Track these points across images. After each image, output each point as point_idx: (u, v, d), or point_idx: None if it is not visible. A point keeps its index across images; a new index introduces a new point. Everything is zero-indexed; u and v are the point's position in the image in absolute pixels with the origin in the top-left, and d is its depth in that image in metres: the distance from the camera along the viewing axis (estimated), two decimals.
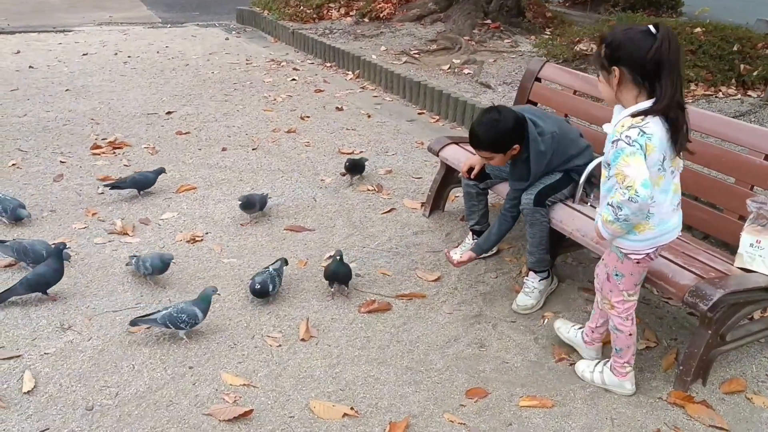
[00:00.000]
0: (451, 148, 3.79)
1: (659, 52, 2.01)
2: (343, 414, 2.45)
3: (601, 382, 2.63)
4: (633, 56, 2.05)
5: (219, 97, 6.40)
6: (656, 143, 2.09)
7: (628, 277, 2.42)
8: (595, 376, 2.64)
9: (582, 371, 2.69)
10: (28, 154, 4.79)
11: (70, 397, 2.49)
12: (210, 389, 2.56)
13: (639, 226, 2.24)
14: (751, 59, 6.09)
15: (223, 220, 3.91)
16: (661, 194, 2.21)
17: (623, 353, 2.55)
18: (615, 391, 2.61)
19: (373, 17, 9.31)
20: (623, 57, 2.08)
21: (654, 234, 2.27)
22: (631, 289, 2.45)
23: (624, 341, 2.52)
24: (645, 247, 2.31)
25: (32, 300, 3.06)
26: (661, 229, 2.27)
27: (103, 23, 10.18)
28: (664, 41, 2.01)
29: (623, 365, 2.58)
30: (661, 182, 2.18)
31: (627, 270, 2.40)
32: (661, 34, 2.01)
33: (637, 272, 2.42)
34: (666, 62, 2.02)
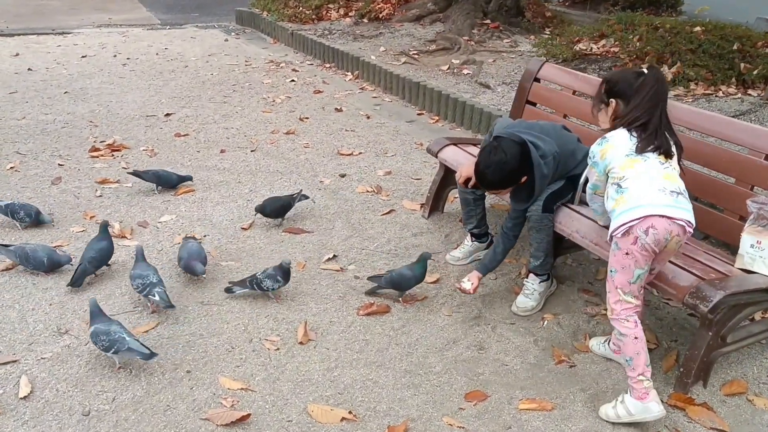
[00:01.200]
0: (450, 150, 3.78)
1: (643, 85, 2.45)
2: (342, 418, 2.44)
3: (626, 414, 2.40)
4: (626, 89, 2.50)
5: (218, 99, 6.39)
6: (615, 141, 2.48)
7: (620, 272, 2.42)
8: (619, 411, 2.42)
9: (606, 414, 2.47)
10: (26, 157, 4.78)
11: (67, 402, 2.47)
12: (207, 393, 2.54)
13: (617, 203, 2.42)
14: (751, 58, 6.08)
15: (222, 223, 3.90)
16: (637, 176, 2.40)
17: (634, 363, 2.39)
18: (644, 419, 2.39)
19: (372, 18, 9.30)
20: (619, 91, 2.53)
21: (630, 206, 2.37)
22: (625, 286, 2.42)
23: (631, 347, 2.40)
24: (624, 219, 2.38)
25: (29, 304, 3.05)
26: (636, 202, 2.37)
27: (103, 25, 10.17)
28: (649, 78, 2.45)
29: (638, 380, 2.38)
30: (634, 165, 2.41)
31: (618, 263, 2.42)
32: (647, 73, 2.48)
33: (628, 266, 2.39)
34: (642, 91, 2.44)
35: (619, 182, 2.42)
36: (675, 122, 3.09)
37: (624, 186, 2.40)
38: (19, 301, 3.08)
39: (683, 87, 5.79)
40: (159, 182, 4.23)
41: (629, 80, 2.47)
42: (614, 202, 2.43)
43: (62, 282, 3.22)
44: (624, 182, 2.40)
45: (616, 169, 2.44)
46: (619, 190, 2.42)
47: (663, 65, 5.97)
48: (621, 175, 2.42)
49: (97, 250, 3.23)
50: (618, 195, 2.42)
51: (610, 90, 2.54)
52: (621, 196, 2.40)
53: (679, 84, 5.81)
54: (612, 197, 2.45)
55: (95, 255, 3.22)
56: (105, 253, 3.27)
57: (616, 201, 2.42)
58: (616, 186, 2.43)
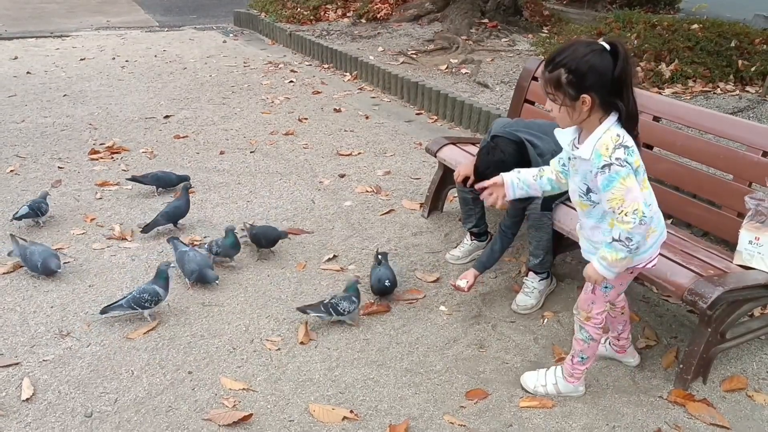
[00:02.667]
0: (448, 149, 3.78)
1: (623, 70, 1.98)
2: (343, 417, 2.45)
3: (556, 393, 2.58)
4: (602, 81, 1.99)
5: (217, 101, 6.40)
6: (636, 153, 2.07)
7: (617, 288, 2.36)
8: (549, 389, 2.58)
9: (534, 387, 2.59)
10: (26, 160, 4.79)
11: (69, 404, 2.48)
12: (209, 394, 2.55)
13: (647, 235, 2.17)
14: (749, 55, 6.09)
15: (222, 224, 3.90)
16: (650, 195, 2.17)
17: (589, 360, 2.52)
18: (571, 395, 2.58)
19: (370, 18, 9.30)
20: (593, 84, 2.00)
21: (658, 235, 2.23)
22: (614, 298, 2.44)
23: (593, 349, 2.50)
24: (656, 252, 2.26)
25: (30, 307, 3.06)
26: (660, 228, 2.24)
27: (101, 28, 10.17)
28: (623, 59, 1.97)
29: (582, 372, 2.54)
30: (646, 184, 2.16)
31: (619, 281, 2.32)
32: (621, 52, 1.97)
33: (626, 281, 2.39)
34: (627, 78, 2.00)
35: None
36: (674, 120, 3.12)
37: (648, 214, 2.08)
38: (21, 303, 3.09)
39: (681, 84, 5.80)
40: (159, 184, 4.24)
41: (601, 67, 1.98)
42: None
43: (63, 284, 3.23)
44: (648, 210, 2.07)
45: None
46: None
47: (661, 63, 5.98)
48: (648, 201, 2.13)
49: (173, 207, 3.73)
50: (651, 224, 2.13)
51: (579, 83, 2.00)
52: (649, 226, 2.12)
53: (677, 81, 5.82)
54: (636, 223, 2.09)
55: (168, 210, 3.70)
56: (179, 211, 3.73)
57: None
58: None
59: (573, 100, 2.03)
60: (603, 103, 2.03)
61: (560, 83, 2.03)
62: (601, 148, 2.04)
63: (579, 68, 1.99)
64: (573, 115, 2.07)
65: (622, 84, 2.00)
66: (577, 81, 2.00)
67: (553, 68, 2.04)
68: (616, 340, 2.71)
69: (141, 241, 3.68)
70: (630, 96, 2.03)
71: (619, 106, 2.03)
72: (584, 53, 1.99)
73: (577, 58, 1.99)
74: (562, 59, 2.02)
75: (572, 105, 2.05)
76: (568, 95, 2.03)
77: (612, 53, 1.98)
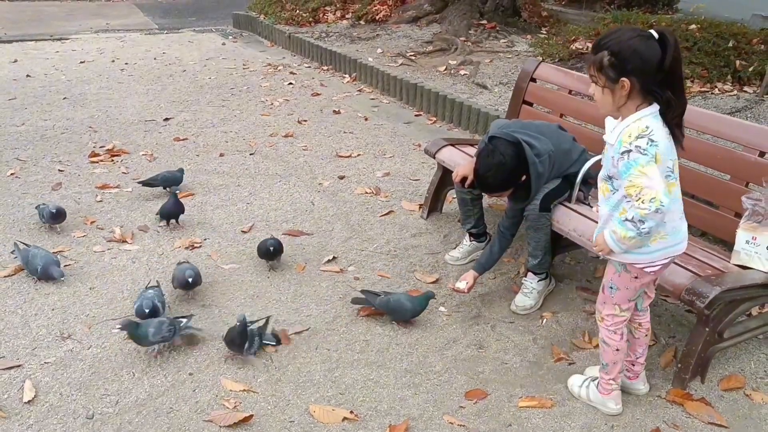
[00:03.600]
0: (447, 150, 3.80)
1: (673, 60, 1.96)
2: (343, 418, 2.46)
3: (587, 398, 2.56)
4: (645, 67, 1.97)
5: (216, 103, 6.41)
6: (663, 151, 2.04)
7: (622, 291, 2.30)
8: (581, 392, 2.58)
9: (572, 385, 2.63)
10: (26, 163, 4.80)
11: (71, 406, 2.49)
12: (210, 395, 2.56)
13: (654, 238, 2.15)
14: (747, 55, 6.10)
15: (221, 226, 3.92)
16: (673, 203, 2.10)
17: (609, 369, 2.45)
18: (599, 409, 2.52)
19: (369, 20, 9.32)
20: (635, 68, 1.98)
21: (668, 243, 2.18)
22: (624, 303, 2.34)
23: (610, 356, 2.42)
24: (660, 258, 2.20)
25: (31, 309, 3.07)
26: (674, 239, 2.18)
27: (100, 30, 10.19)
28: (673, 49, 1.96)
29: (608, 382, 2.48)
30: (672, 189, 2.11)
31: (623, 283, 2.29)
32: (670, 42, 1.96)
33: (633, 287, 2.29)
34: (676, 69, 1.99)
35: None
36: None
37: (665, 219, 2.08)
38: (22, 306, 3.10)
39: None
40: (168, 184, 4.29)
41: (647, 53, 1.97)
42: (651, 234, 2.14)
43: (64, 287, 3.24)
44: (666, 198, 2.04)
45: None
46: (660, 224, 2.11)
47: None
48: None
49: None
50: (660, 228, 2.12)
51: (621, 66, 2.00)
52: (659, 231, 2.12)
53: None
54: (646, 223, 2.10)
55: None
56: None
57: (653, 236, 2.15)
58: None
59: (613, 83, 2.03)
60: (642, 90, 2.02)
61: (602, 65, 2.03)
62: (624, 135, 2.05)
63: (622, 51, 1.98)
64: (613, 98, 2.07)
65: (668, 75, 1.99)
66: (619, 64, 2.00)
67: (597, 50, 2.04)
68: (630, 365, 2.56)
69: (141, 243, 3.69)
70: (679, 88, 2.02)
71: (662, 98, 2.02)
72: (630, 37, 1.99)
73: (622, 41, 1.99)
74: (607, 42, 2.02)
75: (612, 88, 2.04)
76: (609, 78, 2.03)
77: (660, 42, 1.97)
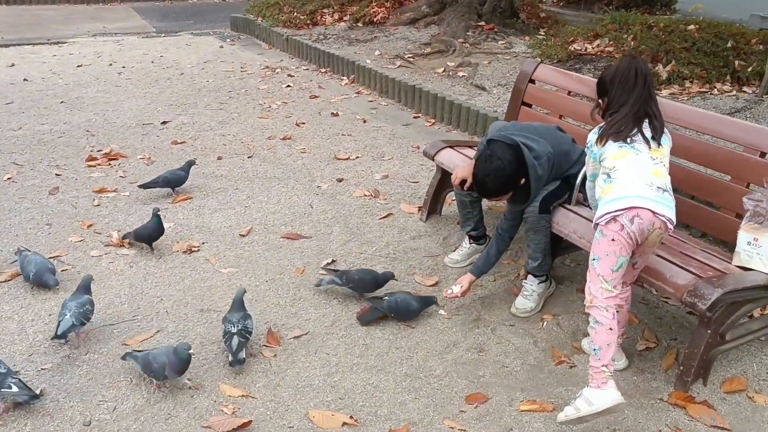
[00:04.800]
0: (446, 152, 3.78)
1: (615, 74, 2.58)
2: (343, 423, 2.44)
3: (586, 405, 2.30)
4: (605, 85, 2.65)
5: (214, 106, 6.40)
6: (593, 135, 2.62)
7: (603, 259, 2.43)
8: (578, 404, 2.32)
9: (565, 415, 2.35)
10: (23, 167, 4.78)
11: (68, 412, 2.47)
12: (208, 401, 2.54)
13: (604, 191, 2.48)
14: (746, 55, 6.09)
15: (219, 230, 3.90)
16: (628, 167, 2.46)
17: (602, 353, 2.34)
18: (605, 407, 2.28)
19: (366, 22, 9.30)
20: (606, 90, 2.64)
21: (618, 195, 2.42)
22: (607, 274, 2.41)
23: (603, 336, 2.36)
24: (611, 208, 2.41)
25: (28, 315, 3.05)
26: (625, 192, 2.42)
27: (98, 34, 10.18)
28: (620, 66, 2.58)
29: (601, 370, 2.33)
30: (627, 156, 2.48)
31: (602, 250, 2.44)
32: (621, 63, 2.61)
33: (612, 252, 2.41)
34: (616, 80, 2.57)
35: (609, 172, 2.49)
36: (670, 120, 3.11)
37: (613, 176, 2.47)
38: (18, 312, 3.08)
39: (678, 85, 5.80)
40: (171, 185, 4.30)
41: (609, 75, 2.60)
42: (601, 191, 2.51)
43: (61, 292, 3.22)
44: (614, 172, 2.47)
45: (608, 159, 2.51)
46: (607, 180, 2.49)
47: (658, 64, 5.99)
48: (612, 165, 2.49)
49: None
50: (606, 184, 2.49)
51: (599, 89, 2.66)
52: (609, 185, 2.47)
53: (674, 82, 5.82)
54: (600, 186, 2.54)
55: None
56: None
57: (603, 189, 2.50)
58: (606, 176, 2.50)
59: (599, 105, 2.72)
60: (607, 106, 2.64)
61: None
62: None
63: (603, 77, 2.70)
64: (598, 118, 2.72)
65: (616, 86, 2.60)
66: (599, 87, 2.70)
67: None
68: (590, 327, 2.55)
69: (139, 247, 3.67)
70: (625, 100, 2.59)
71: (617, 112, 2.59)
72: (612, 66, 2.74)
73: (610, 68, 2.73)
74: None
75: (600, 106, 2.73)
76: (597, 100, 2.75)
77: None
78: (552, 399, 2.59)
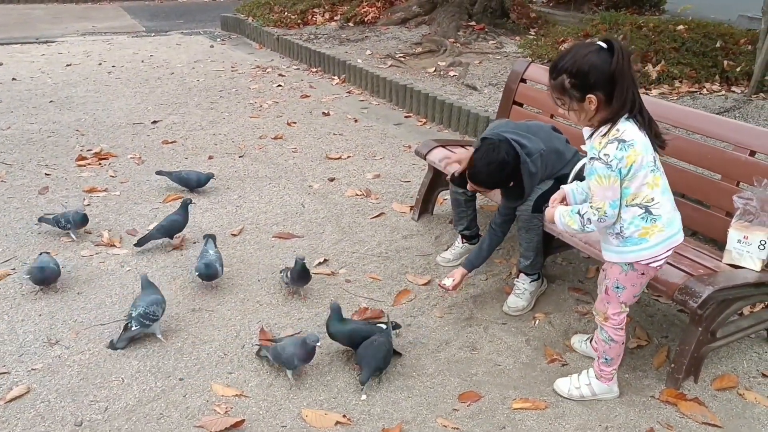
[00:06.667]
0: (438, 152, 3.78)
1: (619, 64, 2.03)
2: (336, 422, 2.44)
3: (591, 394, 2.56)
4: (603, 78, 2.06)
5: (205, 105, 6.37)
6: (640, 147, 2.09)
7: (629, 289, 2.36)
8: (583, 391, 2.57)
9: (569, 391, 2.59)
10: (12, 167, 4.75)
11: (59, 412, 2.45)
12: (201, 400, 2.53)
13: (647, 232, 2.20)
14: (734, 55, 6.14)
15: (211, 229, 3.88)
16: (662, 194, 2.19)
17: (613, 362, 2.52)
18: (605, 397, 2.58)
19: (357, 21, 9.31)
20: (597, 83, 2.07)
21: (666, 235, 2.23)
22: (629, 300, 2.41)
23: (617, 350, 2.49)
24: (662, 251, 2.24)
25: (18, 315, 3.03)
26: (671, 229, 2.24)
27: (87, 33, 10.12)
28: (619, 53, 2.03)
29: (610, 372, 2.54)
30: (659, 182, 2.18)
31: (630, 281, 2.34)
32: (616, 48, 2.04)
33: (639, 283, 2.36)
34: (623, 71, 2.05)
35: (649, 206, 2.18)
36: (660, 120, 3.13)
37: (656, 213, 2.18)
38: (8, 312, 3.06)
39: (668, 85, 5.84)
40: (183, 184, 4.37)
41: (599, 66, 2.05)
42: (641, 230, 2.20)
43: (51, 292, 3.20)
44: (655, 207, 2.17)
45: (645, 188, 2.15)
46: (648, 218, 2.18)
47: (648, 64, 6.02)
48: (651, 197, 2.17)
49: (170, 220, 3.61)
50: (648, 224, 2.19)
51: (583, 85, 2.08)
52: (653, 225, 2.19)
53: (663, 82, 5.86)
54: (636, 224, 2.20)
55: (165, 224, 3.60)
56: (176, 225, 3.61)
57: (645, 230, 2.20)
58: (644, 211, 2.18)
59: (580, 102, 2.12)
60: (609, 100, 2.08)
61: (565, 88, 2.11)
62: (595, 141, 2.14)
63: (580, 70, 2.06)
64: (583, 115, 2.15)
65: (619, 78, 2.05)
66: (581, 83, 2.08)
67: (556, 75, 2.13)
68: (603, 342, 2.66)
69: (130, 247, 3.65)
70: (630, 88, 2.08)
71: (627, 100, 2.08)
72: (584, 55, 2.07)
73: (577, 61, 2.07)
74: (564, 65, 2.10)
75: (580, 106, 2.13)
76: (575, 98, 2.12)
77: (609, 50, 2.05)
78: (544, 397, 2.60)
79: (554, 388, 2.63)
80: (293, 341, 2.63)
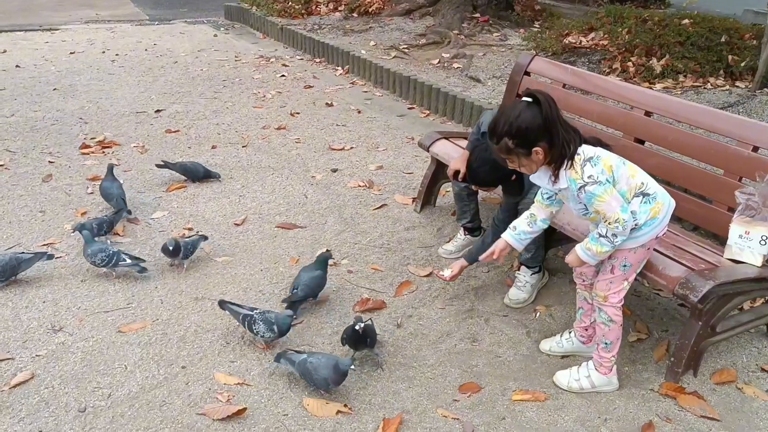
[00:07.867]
0: (441, 144, 3.79)
1: (548, 112, 2.22)
2: (337, 411, 2.46)
3: (591, 387, 2.59)
4: (541, 130, 2.23)
5: (208, 95, 6.37)
6: (604, 154, 2.30)
7: (635, 265, 2.46)
8: (583, 383, 2.60)
9: (568, 383, 2.62)
10: (16, 154, 4.76)
11: (63, 398, 2.48)
12: (203, 388, 2.55)
13: (654, 212, 2.35)
14: (739, 50, 6.11)
15: (214, 218, 3.90)
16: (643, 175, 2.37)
17: (612, 346, 2.55)
18: (605, 390, 2.60)
19: (361, 12, 9.29)
20: (538, 136, 2.23)
21: (666, 205, 2.39)
22: (632, 276, 2.49)
23: (616, 333, 2.53)
24: (667, 219, 2.41)
25: (22, 302, 3.04)
26: (666, 198, 2.39)
27: (90, 21, 10.11)
28: (545, 103, 2.22)
29: (610, 360, 2.57)
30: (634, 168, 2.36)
31: (637, 259, 2.45)
32: (541, 99, 2.22)
33: (644, 258, 2.48)
34: (553, 117, 2.23)
35: (644, 190, 2.34)
36: (665, 114, 3.14)
37: (651, 192, 2.35)
38: (13, 299, 3.08)
39: (672, 79, 5.82)
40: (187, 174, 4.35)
41: (533, 120, 2.21)
42: (650, 213, 2.34)
43: (55, 279, 3.22)
44: (648, 189, 2.34)
45: (630, 180, 2.33)
46: (648, 200, 2.34)
47: (652, 58, 6.00)
48: (640, 182, 2.34)
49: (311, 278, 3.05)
50: (651, 204, 2.34)
51: (526, 141, 2.24)
52: (655, 204, 2.35)
53: (667, 76, 5.84)
54: (641, 208, 2.33)
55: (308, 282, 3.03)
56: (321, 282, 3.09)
57: (653, 210, 2.34)
58: (642, 195, 2.34)
59: (527, 156, 2.29)
60: (554, 145, 2.25)
61: (510, 149, 2.28)
62: (571, 174, 2.28)
63: (519, 130, 2.23)
64: (534, 166, 2.33)
65: (552, 124, 2.23)
66: (522, 141, 2.25)
67: (497, 140, 2.30)
68: (584, 330, 2.76)
69: (133, 235, 3.67)
70: (566, 128, 2.27)
71: (570, 136, 2.26)
72: (516, 115, 2.24)
73: (513, 123, 2.24)
74: (502, 129, 2.27)
75: (529, 160, 2.30)
76: (522, 154, 2.29)
77: (536, 103, 2.24)
78: (544, 389, 2.61)
79: (554, 380, 2.65)
80: (325, 363, 2.50)
